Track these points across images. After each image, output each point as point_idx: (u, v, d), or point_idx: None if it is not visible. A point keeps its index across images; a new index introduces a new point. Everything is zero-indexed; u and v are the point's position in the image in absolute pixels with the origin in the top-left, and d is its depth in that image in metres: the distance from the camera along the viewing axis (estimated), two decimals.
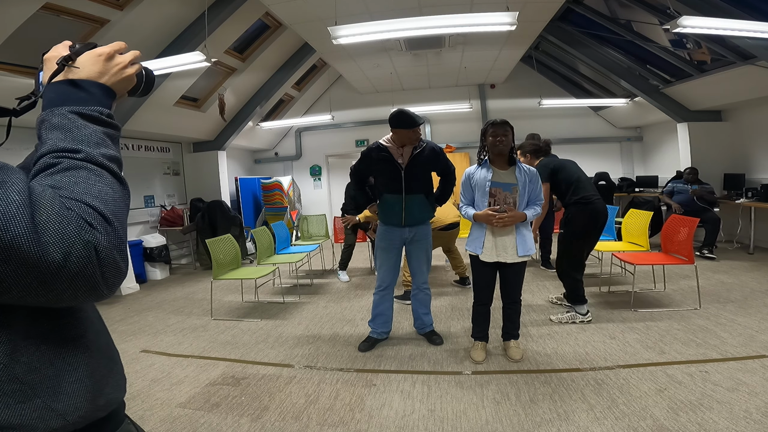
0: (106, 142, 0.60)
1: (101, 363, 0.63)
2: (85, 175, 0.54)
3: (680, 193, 5.30)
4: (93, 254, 0.49)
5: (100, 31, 3.93)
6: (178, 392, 2.45)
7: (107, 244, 0.51)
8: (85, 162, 0.56)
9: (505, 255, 2.47)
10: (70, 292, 0.49)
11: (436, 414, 2.09)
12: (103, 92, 0.64)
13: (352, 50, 5.67)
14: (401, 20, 3.57)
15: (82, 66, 0.63)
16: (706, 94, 5.55)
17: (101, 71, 0.64)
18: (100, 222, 0.51)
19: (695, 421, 1.86)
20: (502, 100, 8.31)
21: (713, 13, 3.79)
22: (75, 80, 0.62)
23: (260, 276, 3.83)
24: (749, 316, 3.07)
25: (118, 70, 0.67)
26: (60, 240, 0.47)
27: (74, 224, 0.48)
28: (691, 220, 3.44)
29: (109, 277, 0.51)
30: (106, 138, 0.60)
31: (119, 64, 0.67)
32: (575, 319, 3.19)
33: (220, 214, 6.15)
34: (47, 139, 0.57)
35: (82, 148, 0.56)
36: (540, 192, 2.53)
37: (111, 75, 0.66)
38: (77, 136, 0.57)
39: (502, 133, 2.44)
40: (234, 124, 6.88)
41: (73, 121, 0.58)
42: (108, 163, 0.58)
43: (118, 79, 0.67)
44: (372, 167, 2.83)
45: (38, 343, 0.55)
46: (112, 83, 0.66)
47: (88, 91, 0.62)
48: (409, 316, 3.30)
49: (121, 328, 3.69)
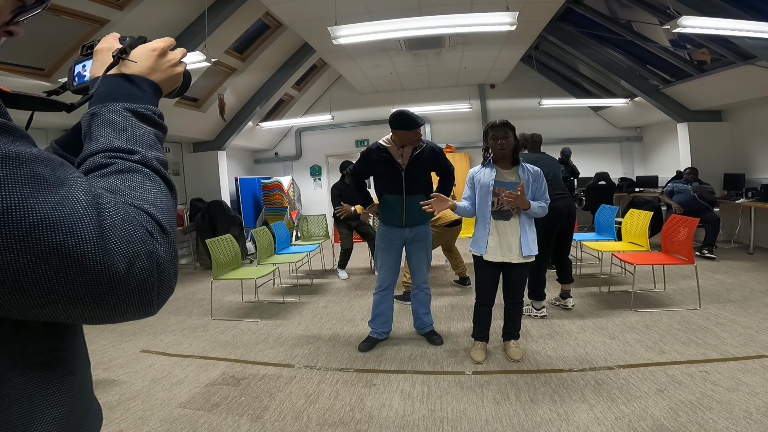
0: (157, 145, 0.56)
1: (80, 404, 0.54)
2: (140, 180, 0.49)
3: (680, 193, 5.30)
4: (155, 266, 0.44)
5: (100, 31, 3.93)
6: (178, 392, 2.45)
7: (165, 256, 0.46)
8: (140, 165, 0.51)
9: (510, 255, 2.46)
10: (122, 308, 0.43)
11: (436, 414, 2.09)
12: (153, 90, 0.60)
13: (352, 50, 5.67)
14: (401, 20, 3.57)
15: (136, 60, 0.59)
16: (706, 94, 5.55)
17: (153, 67, 0.60)
18: (158, 231, 0.46)
19: (695, 421, 1.86)
20: (502, 100, 8.31)
21: (713, 13, 3.79)
22: (129, 75, 0.57)
23: (260, 276, 3.83)
24: (749, 316, 3.07)
25: (168, 67, 0.62)
26: (126, 248, 0.41)
27: (140, 232, 0.43)
28: (691, 220, 3.44)
29: (162, 292, 0.46)
30: (157, 140, 0.56)
31: (170, 61, 0.63)
32: (530, 313, 3.30)
33: (220, 214, 6.15)
34: (100, 136, 0.51)
35: (137, 149, 0.52)
36: (545, 191, 2.52)
37: (161, 72, 0.61)
38: (132, 136, 0.52)
39: (502, 135, 2.44)
40: (234, 124, 6.88)
41: (128, 119, 0.54)
42: (160, 168, 0.53)
43: (168, 76, 0.62)
44: (372, 168, 2.83)
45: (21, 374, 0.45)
46: (160, 81, 0.61)
47: (141, 88, 0.58)
48: (409, 316, 3.30)
49: (121, 328, 3.69)
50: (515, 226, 2.46)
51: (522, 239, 2.45)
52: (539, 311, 3.31)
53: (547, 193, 2.53)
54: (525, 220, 2.47)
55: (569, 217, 3.38)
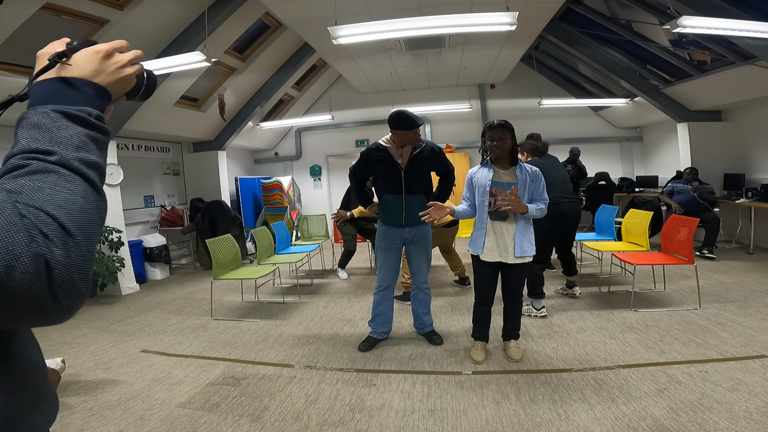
0: (88, 146, 0.54)
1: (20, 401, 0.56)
2: (53, 181, 0.48)
3: (680, 193, 5.30)
4: (42, 270, 0.42)
5: (100, 31, 3.93)
6: (178, 392, 2.45)
7: (64, 260, 0.44)
8: (56, 166, 0.49)
9: (506, 255, 2.47)
10: (13, 312, 0.43)
11: (436, 414, 2.09)
12: (96, 92, 0.59)
13: (352, 50, 5.67)
14: (401, 20, 3.57)
15: (76, 64, 0.58)
16: (706, 94, 5.55)
17: (97, 70, 0.59)
18: (58, 234, 0.44)
19: (695, 421, 1.86)
20: (502, 100, 8.31)
21: (713, 13, 3.79)
22: (67, 78, 0.57)
23: (260, 276, 3.83)
24: (749, 316, 3.07)
25: (115, 69, 0.62)
26: (3, 250, 0.41)
27: (23, 233, 0.42)
28: (691, 220, 3.44)
29: (63, 299, 0.44)
30: (90, 142, 0.55)
31: (117, 63, 0.62)
32: (530, 313, 3.34)
33: (220, 214, 6.15)
34: (21, 138, 0.51)
35: (56, 150, 0.50)
36: (543, 191, 2.51)
37: (107, 74, 0.61)
38: (55, 137, 0.51)
39: (498, 137, 2.42)
40: (234, 124, 6.88)
41: (54, 120, 0.52)
42: (84, 169, 0.52)
43: (115, 79, 0.62)
44: (372, 168, 2.83)
45: None
46: (107, 83, 0.61)
47: (80, 90, 0.57)
48: (409, 316, 3.30)
49: (121, 328, 3.69)
50: (512, 227, 2.47)
51: (517, 240, 2.45)
52: (539, 311, 3.32)
53: (545, 194, 2.52)
54: (522, 222, 2.47)
55: (575, 219, 3.57)
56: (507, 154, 2.47)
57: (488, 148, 2.47)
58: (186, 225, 6.35)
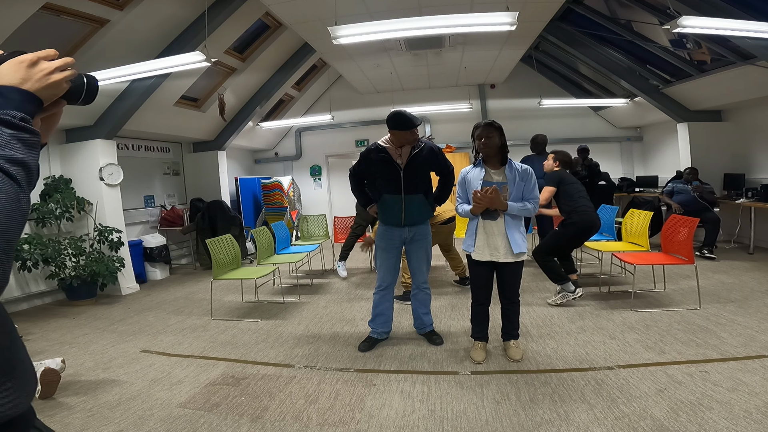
0: (11, 144, 0.58)
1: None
2: None
3: (680, 193, 5.30)
4: None
5: (100, 31, 3.94)
6: (178, 392, 2.45)
7: None
8: None
9: (497, 254, 2.49)
10: None
11: (436, 414, 2.09)
12: (23, 98, 0.63)
13: (352, 50, 5.67)
14: (401, 20, 3.57)
15: (2, 73, 0.63)
16: (706, 94, 5.55)
17: (23, 78, 0.64)
18: None
19: (695, 421, 1.86)
20: (502, 100, 8.32)
21: (713, 13, 3.79)
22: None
23: (260, 276, 3.83)
24: (749, 316, 3.07)
25: (41, 76, 0.66)
26: None
27: None
28: (691, 220, 3.44)
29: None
30: (13, 141, 0.59)
31: (43, 70, 0.66)
32: (567, 297, 3.50)
33: (220, 214, 6.15)
34: None
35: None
36: (533, 189, 2.52)
37: (34, 81, 0.65)
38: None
39: (486, 134, 2.47)
40: (234, 124, 6.88)
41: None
42: (4, 164, 0.56)
43: (42, 85, 0.66)
44: (371, 168, 2.83)
45: None
46: (36, 89, 0.65)
47: (6, 96, 0.61)
48: (409, 316, 3.30)
49: (121, 328, 3.69)
50: (501, 226, 2.49)
51: (510, 239, 2.46)
52: (574, 293, 3.46)
53: (536, 192, 2.53)
54: (510, 220, 2.48)
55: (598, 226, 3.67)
56: (495, 152, 2.51)
57: (477, 146, 2.52)
58: (186, 225, 6.35)
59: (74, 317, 4.11)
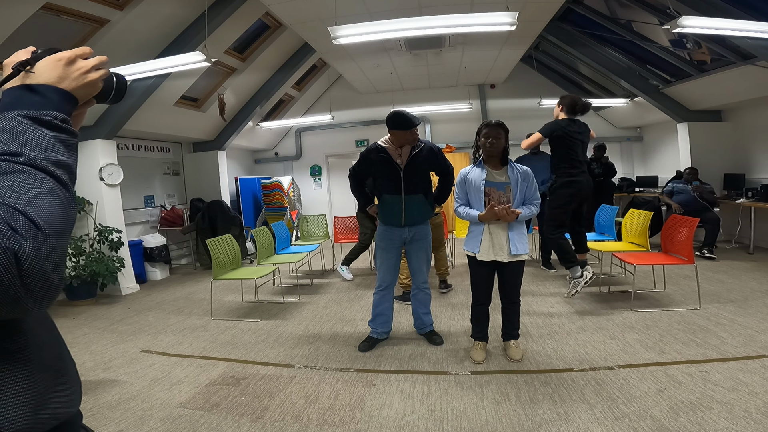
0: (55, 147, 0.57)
1: (46, 376, 0.61)
2: (22, 179, 0.51)
3: (680, 193, 5.30)
4: (11, 263, 0.45)
5: (100, 31, 3.93)
6: (178, 392, 2.45)
7: (34, 253, 0.47)
8: (25, 166, 0.53)
9: (502, 254, 2.49)
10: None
11: (436, 414, 2.09)
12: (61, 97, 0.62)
13: (352, 50, 5.67)
14: (401, 20, 3.57)
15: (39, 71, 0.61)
16: (706, 94, 5.54)
17: (61, 76, 0.63)
18: (28, 228, 0.47)
19: (695, 421, 1.86)
20: (502, 100, 8.31)
21: (713, 13, 3.79)
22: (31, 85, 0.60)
23: (260, 276, 3.83)
24: (749, 316, 3.07)
25: (78, 75, 0.65)
26: None
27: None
28: (691, 220, 3.44)
29: (36, 289, 0.47)
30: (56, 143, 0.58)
31: (81, 68, 0.65)
32: (577, 286, 3.39)
33: (220, 214, 6.14)
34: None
35: (25, 151, 0.54)
36: (535, 192, 2.54)
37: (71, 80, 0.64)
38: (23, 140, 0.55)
39: (494, 135, 2.47)
40: (234, 124, 6.88)
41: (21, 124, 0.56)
42: (52, 168, 0.55)
43: (80, 84, 0.65)
44: (371, 168, 2.83)
45: None
46: (72, 88, 0.64)
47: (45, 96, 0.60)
48: (409, 316, 3.30)
49: (121, 328, 3.69)
50: (505, 226, 2.49)
51: (510, 238, 2.47)
52: (582, 278, 3.36)
53: (537, 193, 2.54)
54: (515, 222, 2.49)
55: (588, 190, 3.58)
56: (498, 153, 2.51)
57: (482, 145, 2.52)
58: (186, 225, 6.35)
59: (74, 317, 4.12)
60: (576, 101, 3.54)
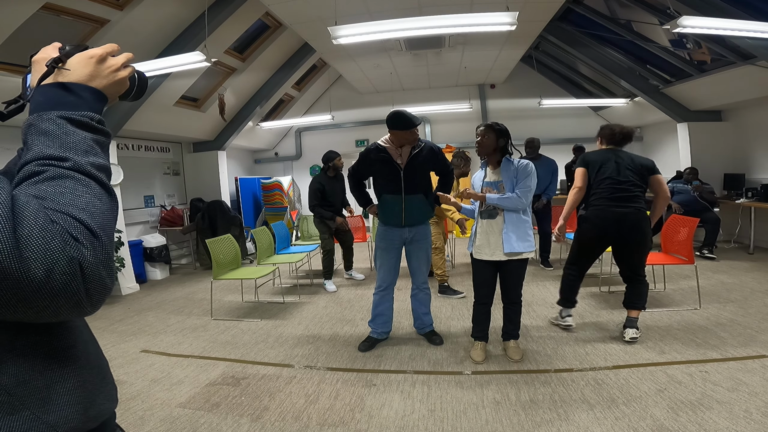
0: (95, 150, 0.57)
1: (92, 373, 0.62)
2: (71, 185, 0.51)
3: (680, 193, 5.30)
4: (77, 271, 0.47)
5: (100, 31, 3.93)
6: (178, 392, 2.45)
7: (93, 260, 0.49)
8: (72, 171, 0.53)
9: (497, 253, 2.51)
10: (52, 309, 0.47)
11: (436, 414, 2.09)
12: (94, 96, 0.61)
13: (352, 50, 5.67)
14: (401, 20, 3.57)
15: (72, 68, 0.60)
16: (706, 94, 5.54)
17: (92, 74, 0.61)
18: (86, 236, 0.48)
19: (695, 421, 1.86)
20: (502, 100, 8.31)
21: (713, 13, 3.79)
22: (65, 83, 0.59)
23: (260, 276, 3.83)
24: (749, 316, 3.07)
25: (110, 73, 0.63)
26: (43, 256, 0.45)
27: (59, 239, 0.46)
28: (691, 220, 3.44)
29: (94, 293, 0.50)
30: (95, 145, 0.57)
31: (111, 66, 0.64)
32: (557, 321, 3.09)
33: (220, 214, 6.14)
34: (33, 145, 0.54)
35: (69, 155, 0.53)
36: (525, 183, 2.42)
37: (103, 78, 0.62)
38: (65, 143, 0.54)
39: (481, 134, 2.53)
40: (234, 124, 6.88)
41: (61, 126, 0.55)
42: (96, 173, 0.55)
43: (110, 82, 0.64)
44: (371, 168, 2.83)
45: (26, 354, 0.54)
46: (103, 87, 0.62)
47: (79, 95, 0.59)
48: (409, 316, 3.30)
49: (121, 328, 3.69)
50: (499, 224, 2.50)
51: (504, 237, 2.47)
52: (563, 319, 3.02)
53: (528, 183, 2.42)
54: (509, 218, 2.47)
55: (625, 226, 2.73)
56: (490, 152, 2.54)
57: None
58: (186, 225, 6.35)
59: None
60: (612, 131, 2.95)
